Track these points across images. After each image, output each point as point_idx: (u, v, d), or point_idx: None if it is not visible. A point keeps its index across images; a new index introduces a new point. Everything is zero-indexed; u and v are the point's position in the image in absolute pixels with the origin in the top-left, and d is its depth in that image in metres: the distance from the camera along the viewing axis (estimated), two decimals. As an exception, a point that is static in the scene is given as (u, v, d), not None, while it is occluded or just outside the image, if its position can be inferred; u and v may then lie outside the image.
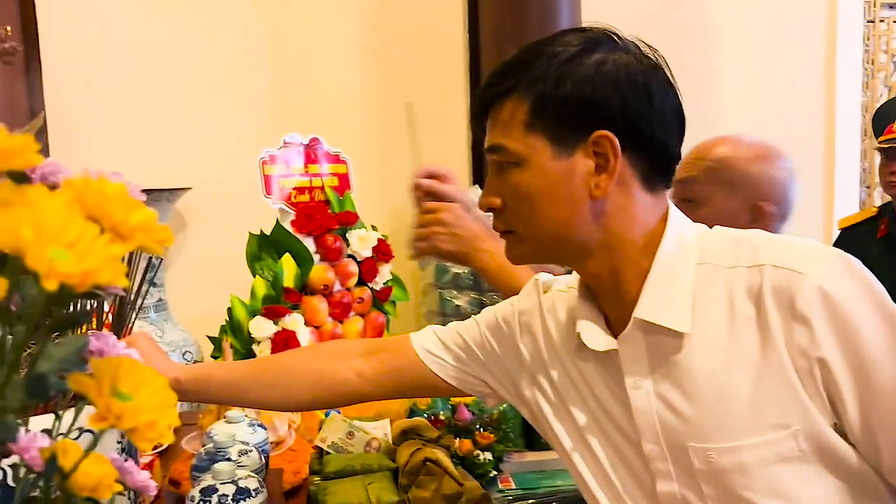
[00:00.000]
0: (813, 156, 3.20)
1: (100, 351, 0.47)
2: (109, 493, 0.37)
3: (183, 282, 2.75)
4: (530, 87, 0.87)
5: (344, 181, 2.30)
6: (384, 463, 1.36)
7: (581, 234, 0.87)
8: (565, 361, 0.97)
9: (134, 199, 0.35)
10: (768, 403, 0.79)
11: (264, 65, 2.81)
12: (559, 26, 2.72)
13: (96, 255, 0.30)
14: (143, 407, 0.34)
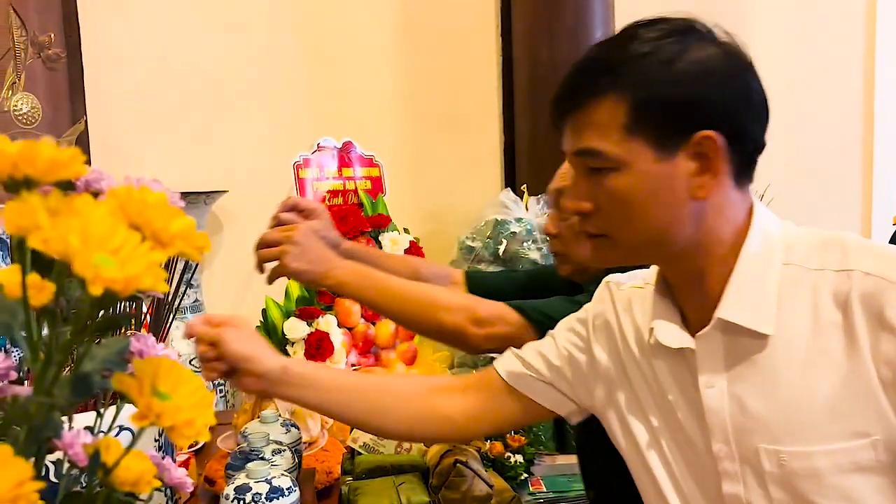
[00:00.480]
0: (851, 150, 3.15)
1: (140, 352, 0.49)
2: (149, 489, 0.39)
3: (219, 283, 2.79)
4: (629, 89, 0.83)
5: (377, 184, 2.32)
6: (415, 463, 1.37)
7: (679, 237, 0.85)
8: (639, 360, 0.97)
9: (174, 208, 0.37)
10: (848, 411, 0.78)
11: (300, 70, 2.84)
12: (593, 28, 2.72)
13: (138, 261, 0.32)
14: (182, 406, 0.35)
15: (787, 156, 3.09)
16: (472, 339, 1.20)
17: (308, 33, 2.85)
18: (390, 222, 2.27)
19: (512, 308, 1.23)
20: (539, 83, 2.73)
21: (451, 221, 2.86)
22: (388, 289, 1.24)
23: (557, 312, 1.20)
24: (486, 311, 1.21)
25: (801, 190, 3.06)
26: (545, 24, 2.69)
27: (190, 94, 2.78)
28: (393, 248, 2.23)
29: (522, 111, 2.83)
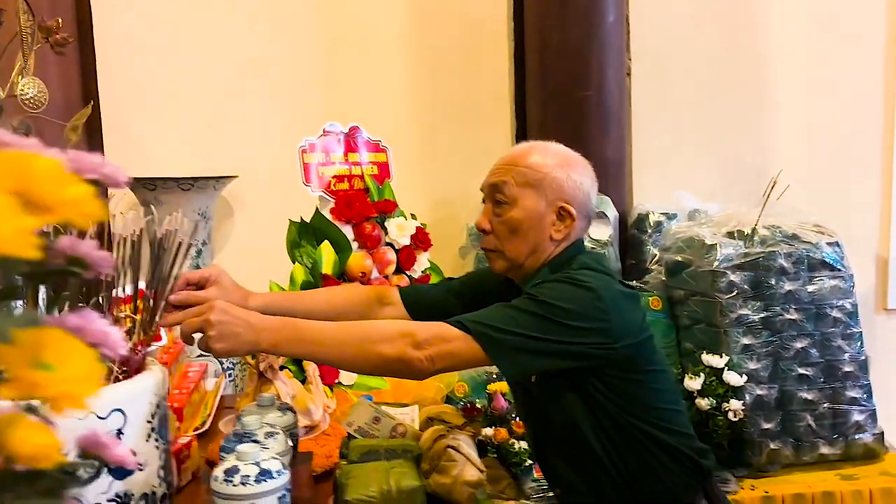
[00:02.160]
0: (871, 148, 3.07)
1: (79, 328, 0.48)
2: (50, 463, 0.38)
3: (230, 267, 2.78)
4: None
5: (384, 169, 2.31)
6: (408, 448, 1.37)
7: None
8: None
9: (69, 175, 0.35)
10: None
11: (312, 55, 2.84)
12: (605, 14, 2.68)
13: (4, 224, 0.31)
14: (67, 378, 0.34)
15: (806, 143, 3.03)
16: (417, 364, 1.18)
17: (320, 19, 2.84)
18: (396, 207, 2.26)
19: (450, 324, 1.22)
20: (550, 69, 2.70)
21: (462, 208, 2.85)
22: (321, 337, 1.22)
23: (498, 320, 1.22)
24: (424, 332, 1.20)
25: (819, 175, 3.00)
26: (557, 10, 2.65)
27: (201, 79, 2.79)
28: (399, 233, 2.22)
29: (533, 98, 2.80)
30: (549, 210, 1.37)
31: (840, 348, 2.22)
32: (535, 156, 1.39)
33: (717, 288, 2.20)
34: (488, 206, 1.40)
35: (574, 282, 1.27)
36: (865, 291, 3.15)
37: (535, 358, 1.22)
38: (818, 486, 2.09)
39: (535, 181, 1.36)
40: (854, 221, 3.05)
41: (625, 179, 2.86)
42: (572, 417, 1.33)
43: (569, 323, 1.22)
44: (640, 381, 1.35)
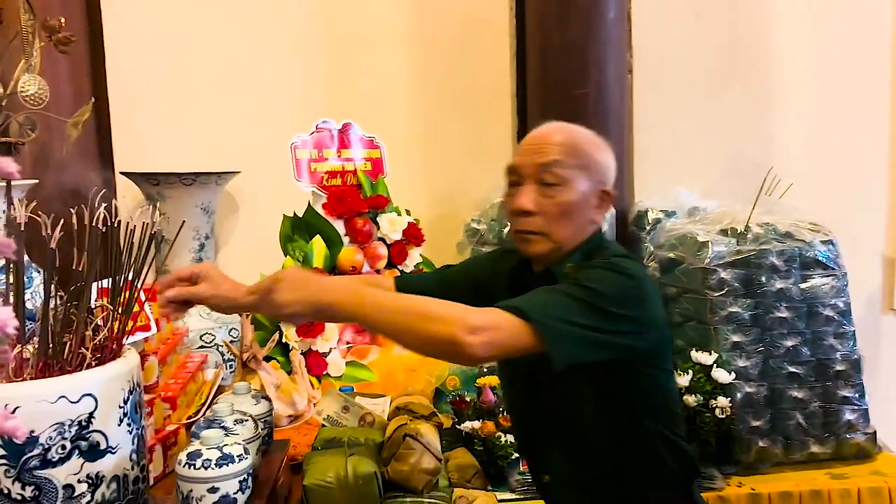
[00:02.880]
0: (878, 146, 3.04)
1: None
2: None
3: (234, 261, 2.87)
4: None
5: (377, 166, 2.35)
6: (371, 436, 1.41)
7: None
8: None
9: None
10: None
11: (314, 52, 2.89)
12: (606, 12, 2.69)
13: None
14: None
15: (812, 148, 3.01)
16: (468, 350, 1.12)
17: (323, 16, 2.89)
18: (389, 203, 2.30)
19: (506, 311, 1.17)
20: (550, 67, 2.72)
21: (462, 205, 2.88)
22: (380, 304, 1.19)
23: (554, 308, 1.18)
24: (479, 318, 1.15)
25: (824, 174, 2.97)
26: (557, 7, 2.67)
27: (206, 76, 2.86)
28: (391, 228, 2.26)
29: (534, 95, 2.81)
30: (592, 194, 1.36)
31: (832, 347, 2.20)
32: (577, 136, 1.39)
33: (708, 285, 2.20)
34: (531, 186, 1.35)
35: (618, 269, 1.25)
36: (872, 291, 3.12)
37: (585, 348, 1.20)
38: (806, 484, 2.08)
39: (584, 163, 1.35)
40: (860, 221, 3.03)
41: (625, 176, 2.86)
42: (580, 410, 1.33)
43: (615, 311, 1.20)
44: (656, 378, 1.36)
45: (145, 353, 1.85)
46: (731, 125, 2.98)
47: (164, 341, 2.12)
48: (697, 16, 2.94)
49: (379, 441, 1.42)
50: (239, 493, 1.26)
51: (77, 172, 2.56)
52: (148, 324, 1.85)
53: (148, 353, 1.87)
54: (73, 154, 2.46)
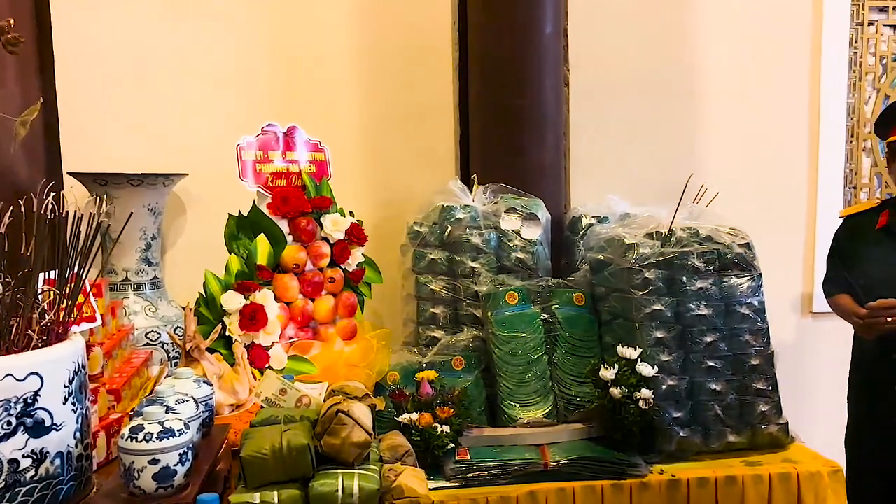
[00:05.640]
0: (797, 157, 3.24)
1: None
2: None
3: (181, 262, 2.93)
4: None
5: (322, 168, 2.43)
6: (306, 415, 1.49)
7: None
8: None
9: None
10: None
11: (261, 56, 2.96)
12: (545, 23, 2.82)
13: None
14: None
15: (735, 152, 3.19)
16: None
17: (270, 21, 2.97)
18: (332, 204, 2.39)
19: None
20: (490, 78, 2.84)
21: (405, 208, 2.97)
22: None
23: None
24: None
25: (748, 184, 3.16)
26: (496, 22, 2.79)
27: (154, 77, 2.92)
28: (334, 228, 2.34)
29: (475, 105, 2.93)
30: None
31: (748, 343, 2.35)
32: None
33: (634, 285, 2.33)
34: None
35: None
36: (795, 297, 3.31)
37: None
38: (722, 471, 2.21)
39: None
40: (782, 229, 3.22)
41: (561, 184, 2.99)
42: None
43: None
44: None
45: (91, 344, 1.91)
46: (661, 136, 3.15)
47: (109, 336, 2.17)
48: (630, 32, 3.10)
49: (314, 419, 1.50)
50: (179, 465, 1.33)
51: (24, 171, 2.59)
52: (93, 315, 1.91)
53: (93, 344, 1.93)
54: (20, 153, 2.49)
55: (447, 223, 2.64)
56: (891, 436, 2.51)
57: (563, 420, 2.38)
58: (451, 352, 2.45)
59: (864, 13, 3.23)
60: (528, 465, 2.14)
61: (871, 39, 3.27)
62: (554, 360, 2.45)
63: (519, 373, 2.40)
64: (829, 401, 2.84)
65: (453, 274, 2.63)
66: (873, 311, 2.32)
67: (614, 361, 2.29)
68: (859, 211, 2.66)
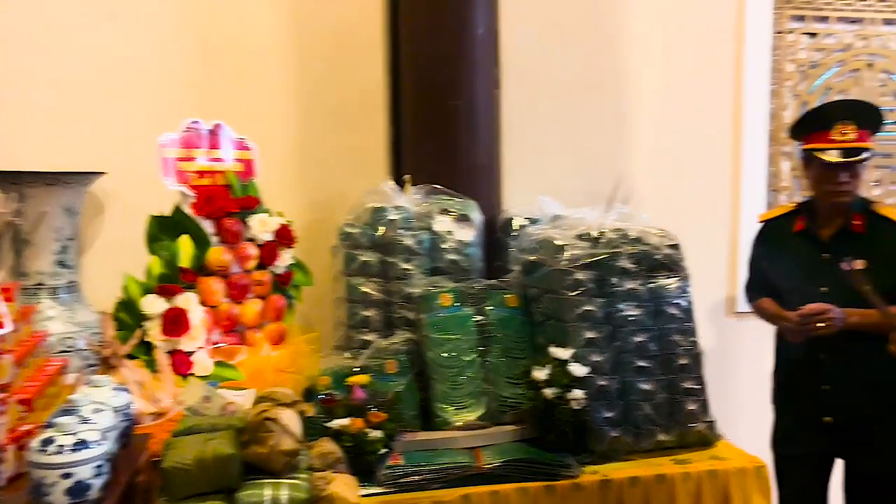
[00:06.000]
0: (721, 161, 3.32)
1: None
2: None
3: (100, 265, 2.80)
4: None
5: (248, 167, 2.36)
6: (232, 423, 1.43)
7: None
8: None
9: None
10: None
11: (184, 52, 2.86)
12: (475, 27, 2.81)
13: None
14: None
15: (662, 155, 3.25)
16: None
17: (194, 16, 2.88)
18: (259, 204, 2.32)
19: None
20: (422, 78, 2.81)
21: (337, 210, 2.91)
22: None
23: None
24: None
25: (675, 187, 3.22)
26: (427, 21, 2.77)
27: (71, 73, 2.79)
28: (261, 229, 2.27)
29: (407, 105, 2.90)
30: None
31: (676, 342, 2.38)
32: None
33: (565, 285, 2.34)
34: None
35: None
36: (719, 297, 3.39)
37: None
38: (653, 469, 2.23)
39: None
40: (707, 231, 3.29)
41: (493, 185, 2.99)
42: None
43: None
44: None
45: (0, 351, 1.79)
46: (591, 137, 3.18)
47: (21, 343, 2.05)
48: (561, 34, 3.13)
49: (240, 427, 1.45)
50: (94, 478, 1.26)
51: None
52: (1, 321, 1.80)
53: (3, 351, 1.82)
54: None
55: (379, 224, 2.60)
56: (817, 435, 2.58)
57: (497, 422, 2.37)
58: (384, 355, 2.40)
59: (783, 21, 3.34)
60: (461, 469, 2.12)
61: (791, 47, 3.38)
62: (487, 362, 2.44)
63: (452, 375, 2.38)
64: (752, 398, 2.92)
65: (386, 276, 2.59)
66: (804, 318, 2.37)
67: (546, 362, 2.29)
68: (777, 215, 2.72)
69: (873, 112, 2.51)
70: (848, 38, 3.45)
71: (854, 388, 2.46)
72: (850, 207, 2.49)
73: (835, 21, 3.42)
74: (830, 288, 2.43)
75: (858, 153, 2.41)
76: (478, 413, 2.35)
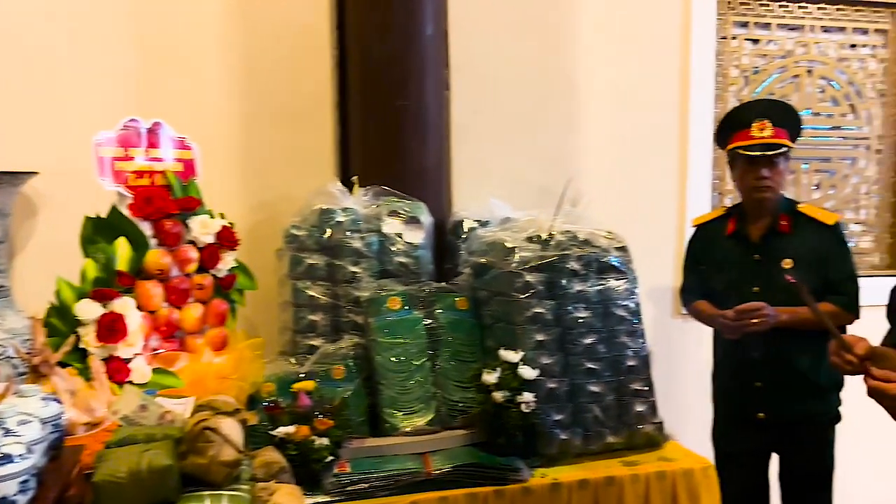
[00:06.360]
0: (668, 164, 3.35)
1: None
2: None
3: (31, 268, 2.68)
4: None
5: (189, 167, 2.29)
6: (170, 433, 1.36)
7: None
8: None
9: None
10: None
11: (122, 48, 2.76)
12: (423, 27, 2.78)
13: None
14: None
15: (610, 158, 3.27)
16: None
17: (134, 12, 2.78)
18: (200, 205, 2.24)
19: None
20: (370, 78, 2.77)
21: (284, 212, 2.85)
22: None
23: None
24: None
25: (623, 189, 3.24)
26: (376, 21, 2.73)
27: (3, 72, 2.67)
28: (202, 230, 2.20)
29: (355, 105, 2.86)
30: None
31: (624, 344, 2.39)
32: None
33: (515, 288, 2.32)
34: None
35: None
36: (666, 298, 3.42)
37: None
38: (602, 472, 2.23)
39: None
40: (654, 233, 3.32)
41: (443, 187, 2.96)
42: None
43: None
44: None
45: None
46: (542, 140, 3.18)
47: (-58, 351, 1.95)
48: (511, 35, 3.12)
49: (178, 437, 1.38)
50: (19, 494, 1.18)
51: None
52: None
53: (-79, 360, 1.72)
54: None
55: (326, 226, 2.55)
56: (752, 431, 2.68)
57: (447, 427, 2.34)
58: (331, 360, 2.35)
59: (727, 28, 3.40)
60: (410, 475, 2.09)
61: (735, 53, 3.44)
62: (437, 366, 2.40)
63: (401, 380, 2.34)
64: (698, 399, 2.95)
65: (333, 279, 2.54)
66: (739, 315, 2.49)
67: (496, 365, 2.28)
68: (710, 219, 2.85)
69: (787, 110, 2.67)
70: (789, 44, 3.53)
71: (784, 385, 2.59)
72: (777, 209, 2.62)
73: (776, 28, 3.49)
74: (761, 287, 2.57)
75: (777, 148, 2.54)
76: (427, 418, 2.32)
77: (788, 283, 1.44)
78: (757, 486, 2.80)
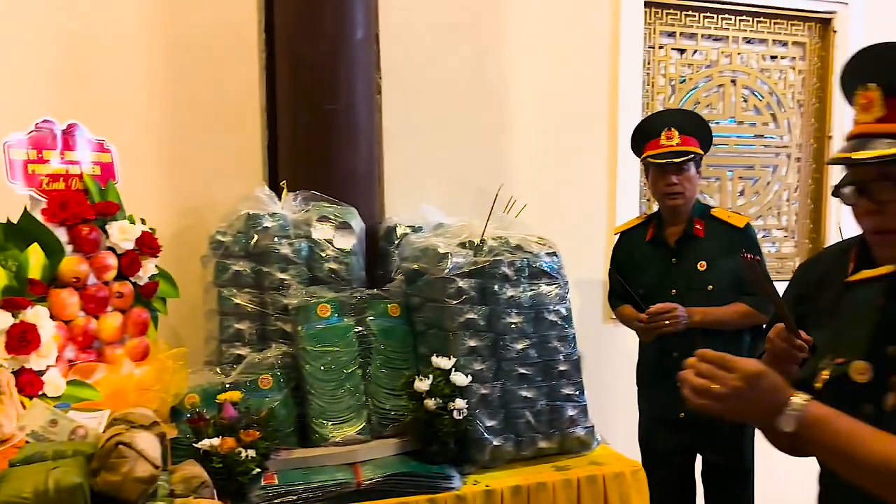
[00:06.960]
0: (598, 170, 3.40)
1: None
2: None
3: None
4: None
5: (108, 171, 2.20)
6: (81, 449, 1.29)
7: None
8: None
9: None
10: None
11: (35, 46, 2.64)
12: (353, 31, 2.75)
13: None
14: None
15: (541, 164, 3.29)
16: None
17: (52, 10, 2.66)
18: (119, 210, 2.15)
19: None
20: (300, 82, 2.72)
21: (209, 218, 2.77)
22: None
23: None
24: None
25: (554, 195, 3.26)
26: (305, 24, 2.68)
27: None
28: (121, 236, 2.11)
29: (284, 109, 2.80)
30: None
31: (556, 349, 2.40)
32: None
33: (448, 294, 2.31)
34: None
35: None
36: (595, 303, 3.46)
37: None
38: (534, 477, 2.23)
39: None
40: (584, 239, 3.35)
41: (375, 192, 2.93)
42: None
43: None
44: None
45: None
46: (473, 146, 3.18)
47: None
48: (443, 42, 3.11)
49: (90, 453, 1.31)
50: None
51: None
52: None
53: None
54: None
55: (253, 232, 2.49)
56: (674, 430, 2.75)
57: (378, 435, 2.30)
58: (258, 370, 2.29)
59: (655, 37, 3.46)
60: (339, 486, 2.07)
61: (662, 62, 3.51)
62: (368, 374, 2.37)
63: (331, 389, 2.30)
64: (628, 402, 2.99)
65: (260, 286, 2.48)
66: (652, 317, 2.61)
67: (429, 372, 2.26)
68: (631, 226, 2.97)
69: (694, 119, 2.82)
70: (713, 54, 3.62)
71: None
72: (691, 213, 2.76)
73: (701, 38, 3.58)
74: (679, 289, 2.70)
75: (684, 155, 2.68)
76: (358, 427, 2.28)
77: (745, 260, 1.44)
78: (683, 483, 2.87)
